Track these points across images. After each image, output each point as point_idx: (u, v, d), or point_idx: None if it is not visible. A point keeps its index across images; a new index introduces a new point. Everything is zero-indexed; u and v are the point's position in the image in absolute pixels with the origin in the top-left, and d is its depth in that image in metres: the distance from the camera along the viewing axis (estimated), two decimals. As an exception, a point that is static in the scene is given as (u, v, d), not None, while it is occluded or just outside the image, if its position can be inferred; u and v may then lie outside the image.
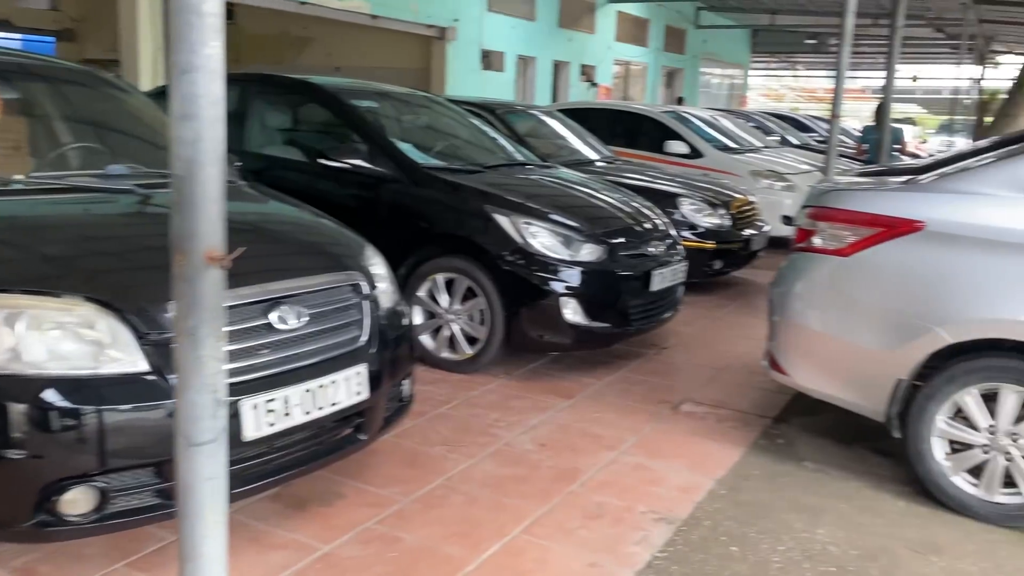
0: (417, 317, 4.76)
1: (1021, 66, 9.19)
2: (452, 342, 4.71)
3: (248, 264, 2.83)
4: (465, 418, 4.06)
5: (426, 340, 4.76)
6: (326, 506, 3.14)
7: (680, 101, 21.55)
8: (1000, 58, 29.09)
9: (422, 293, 4.75)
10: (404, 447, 3.67)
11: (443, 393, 4.35)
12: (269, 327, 2.67)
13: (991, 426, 3.23)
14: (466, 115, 6.29)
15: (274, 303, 2.71)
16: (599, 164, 7.48)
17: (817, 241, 3.63)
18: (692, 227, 6.81)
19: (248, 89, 5.51)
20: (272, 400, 2.61)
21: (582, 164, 7.19)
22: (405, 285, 4.73)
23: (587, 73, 18.92)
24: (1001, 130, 8.87)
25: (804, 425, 4.19)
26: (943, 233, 3.30)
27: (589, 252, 4.63)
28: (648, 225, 5.20)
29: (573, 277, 4.54)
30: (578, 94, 18.23)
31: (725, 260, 7.10)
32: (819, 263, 3.62)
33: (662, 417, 4.23)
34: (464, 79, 14.33)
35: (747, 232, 7.25)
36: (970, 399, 3.27)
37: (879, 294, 3.44)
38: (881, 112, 8.82)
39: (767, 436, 4.06)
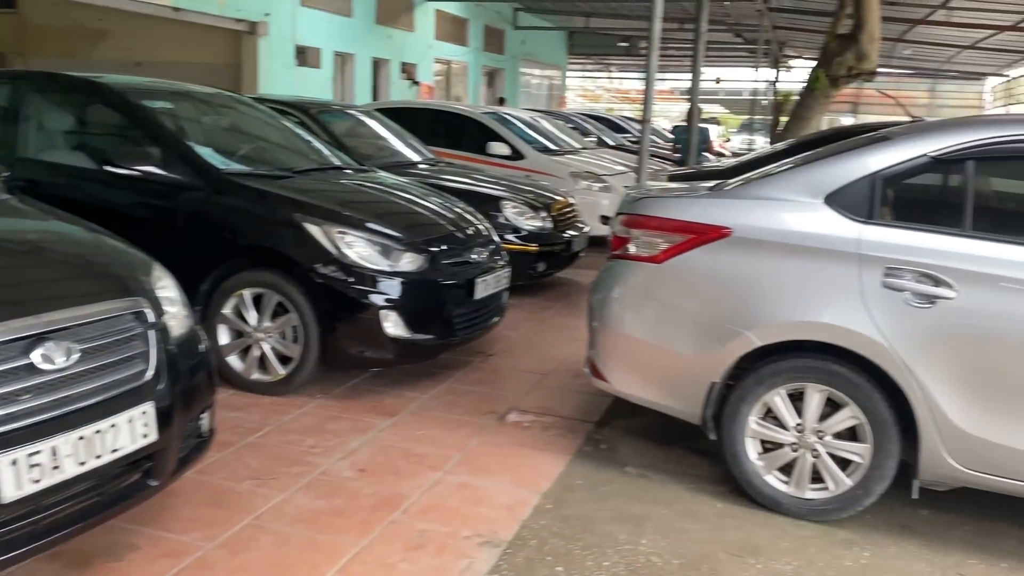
0: (223, 337, 4.41)
1: (811, 71, 9.80)
2: (263, 362, 4.40)
3: (5, 294, 2.50)
4: (278, 446, 3.78)
5: (234, 361, 4.42)
6: (115, 560, 2.80)
7: (502, 102, 21.76)
8: (792, 62, 31.38)
9: (228, 311, 4.40)
10: (208, 485, 3.36)
11: (253, 420, 4.05)
12: (31, 368, 2.31)
13: (798, 425, 3.35)
14: (276, 115, 5.95)
15: (37, 339, 2.35)
16: (421, 166, 7.31)
17: (632, 248, 3.64)
18: (515, 230, 6.79)
19: (20, 88, 4.92)
20: (37, 453, 2.26)
21: (403, 167, 6.99)
22: (208, 303, 4.38)
23: (408, 71, 18.70)
24: (795, 132, 9.47)
25: (626, 428, 4.22)
26: (748, 239, 3.38)
27: (409, 261, 4.45)
28: (470, 231, 5.08)
29: (393, 288, 4.35)
30: (400, 93, 17.98)
31: (548, 262, 7.14)
32: (634, 270, 3.62)
33: (488, 429, 4.13)
34: (278, 76, 13.74)
35: (569, 234, 7.32)
36: (778, 399, 3.36)
37: (692, 300, 3.49)
38: (694, 114, 9.18)
39: (591, 442, 4.05)
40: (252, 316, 4.38)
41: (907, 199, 3.41)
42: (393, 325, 4.32)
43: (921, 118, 3.68)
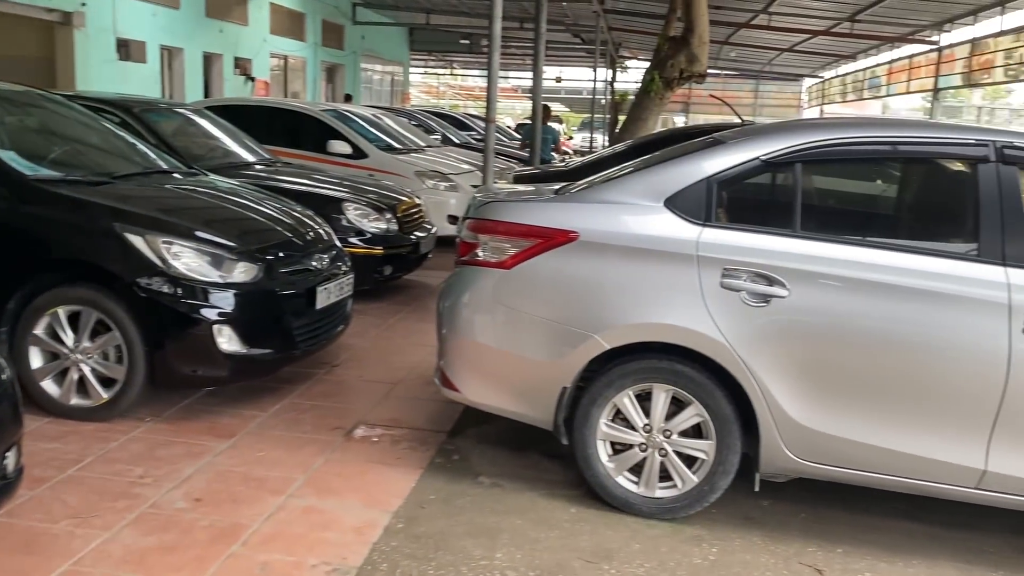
0: (35, 360, 4.01)
1: (645, 73, 10.11)
2: (83, 386, 4.02)
3: None
4: (101, 479, 3.45)
5: (49, 386, 4.02)
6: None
7: (349, 99, 21.29)
8: (629, 63, 32.48)
9: (40, 331, 3.99)
10: (18, 529, 3.02)
11: (73, 450, 3.69)
12: None
13: (646, 425, 3.38)
14: (93, 115, 5.47)
15: None
16: (256, 167, 6.96)
17: (480, 254, 3.57)
18: (359, 233, 6.60)
19: None
20: None
21: (237, 168, 6.64)
22: (16, 323, 3.95)
23: (242, 67, 17.92)
24: (632, 132, 9.75)
25: (479, 436, 4.15)
26: (594, 243, 3.38)
27: (243, 272, 4.18)
28: (310, 236, 4.86)
29: (226, 301, 4.08)
30: (234, 89, 17.19)
31: (395, 265, 6.99)
32: (483, 276, 3.55)
33: (334, 447, 3.95)
34: (99, 71, 12.79)
35: (416, 235, 7.18)
36: (627, 400, 3.39)
37: (541, 305, 3.45)
38: (538, 112, 9.25)
39: (443, 453, 3.95)
40: (68, 336, 3.99)
41: (741, 201, 3.52)
42: (227, 340, 4.05)
43: (750, 120, 3.85)
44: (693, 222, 3.31)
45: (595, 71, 19.88)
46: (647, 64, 10.28)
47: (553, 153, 15.42)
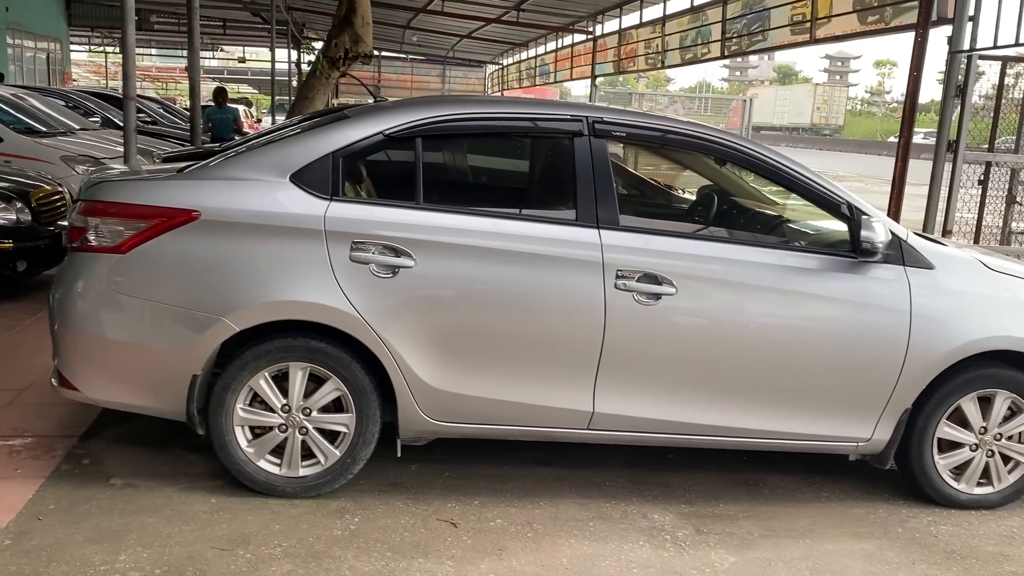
0: None
1: (318, 52, 9.96)
2: None
3: None
4: None
5: None
6: None
7: (0, 78, 18.66)
8: (317, 44, 31.83)
9: None
10: None
11: None
12: None
13: (284, 405, 3.34)
14: None
15: None
16: None
17: (91, 238, 3.29)
18: (-19, 226, 5.83)
19: None
20: None
21: None
22: None
23: None
24: (299, 111, 9.59)
25: (116, 436, 3.86)
26: (218, 221, 3.25)
27: None
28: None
29: None
30: None
31: (31, 260, 6.27)
32: (96, 263, 3.29)
33: (-66, 466, 3.46)
34: None
35: (58, 225, 6.48)
36: (263, 383, 3.32)
37: (163, 290, 3.27)
38: (196, 91, 8.75)
39: (72, 459, 3.62)
40: None
41: (368, 176, 3.58)
42: None
43: (385, 98, 3.94)
44: (320, 197, 3.31)
45: (272, 51, 19.24)
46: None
47: (236, 135, 14.75)
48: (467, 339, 3.37)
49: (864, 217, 3.44)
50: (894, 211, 6.50)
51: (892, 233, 3.52)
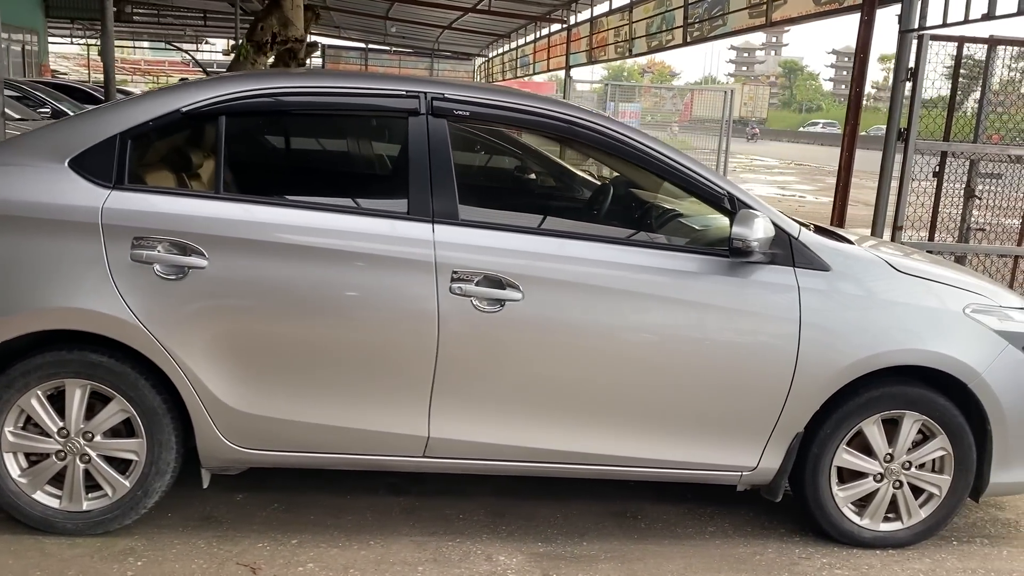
0: None
1: (242, 37, 9.44)
2: None
3: None
4: None
5: None
6: None
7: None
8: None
9: None
10: None
11: None
12: None
13: (62, 428, 2.86)
14: None
15: None
16: None
17: None
18: None
19: None
20: None
21: None
22: None
23: None
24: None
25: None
26: (-25, 213, 2.77)
27: None
28: None
29: None
30: None
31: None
32: None
33: None
34: None
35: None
36: (35, 402, 2.84)
37: (-92, 295, 2.78)
38: (111, 80, 8.29)
39: None
40: None
41: (163, 161, 3.09)
42: None
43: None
44: (100, 185, 2.82)
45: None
46: (320, 38, 9.63)
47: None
48: (274, 353, 2.88)
49: (742, 211, 2.94)
50: (839, 205, 5.99)
51: (782, 230, 3.03)
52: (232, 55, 9.53)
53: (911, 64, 5.69)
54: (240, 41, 9.02)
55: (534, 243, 2.95)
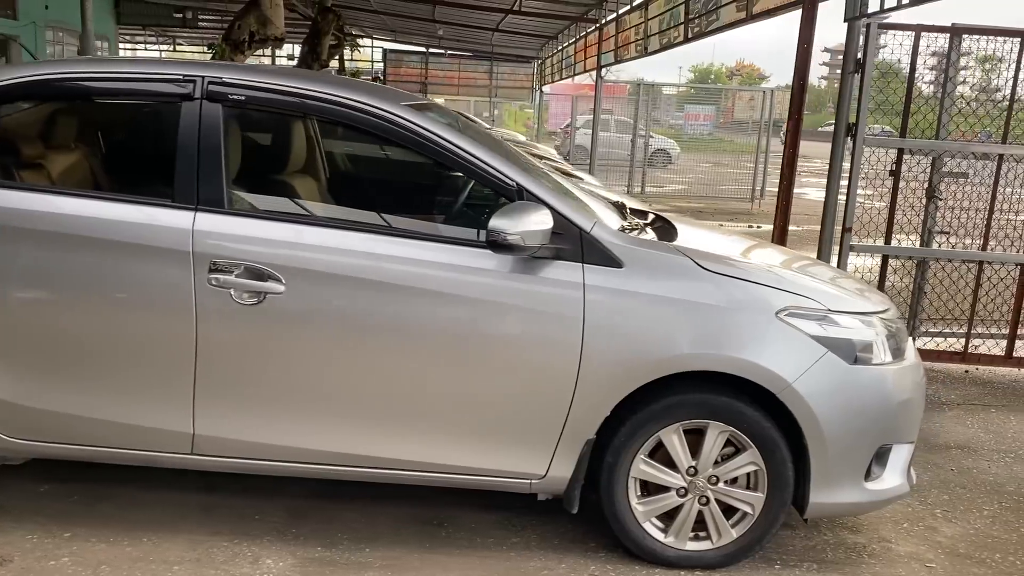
0: None
1: (219, 38, 9.53)
2: None
3: None
4: None
5: None
6: None
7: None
8: (359, 40, 31.75)
9: None
10: None
11: None
12: None
13: None
14: None
15: None
16: None
17: None
18: None
19: None
20: None
21: None
22: None
23: None
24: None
25: None
26: None
27: None
28: None
29: None
30: None
31: None
32: None
33: None
34: None
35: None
36: None
37: None
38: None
39: None
40: None
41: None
42: None
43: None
44: None
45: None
46: (383, 43, 9.69)
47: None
48: (39, 345, 2.84)
49: (509, 203, 2.75)
50: (783, 206, 5.65)
51: (571, 223, 2.82)
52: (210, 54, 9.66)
53: (859, 55, 5.33)
54: (218, 42, 9.13)
55: (300, 233, 2.83)
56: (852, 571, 3.05)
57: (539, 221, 2.71)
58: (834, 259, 5.54)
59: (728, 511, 2.96)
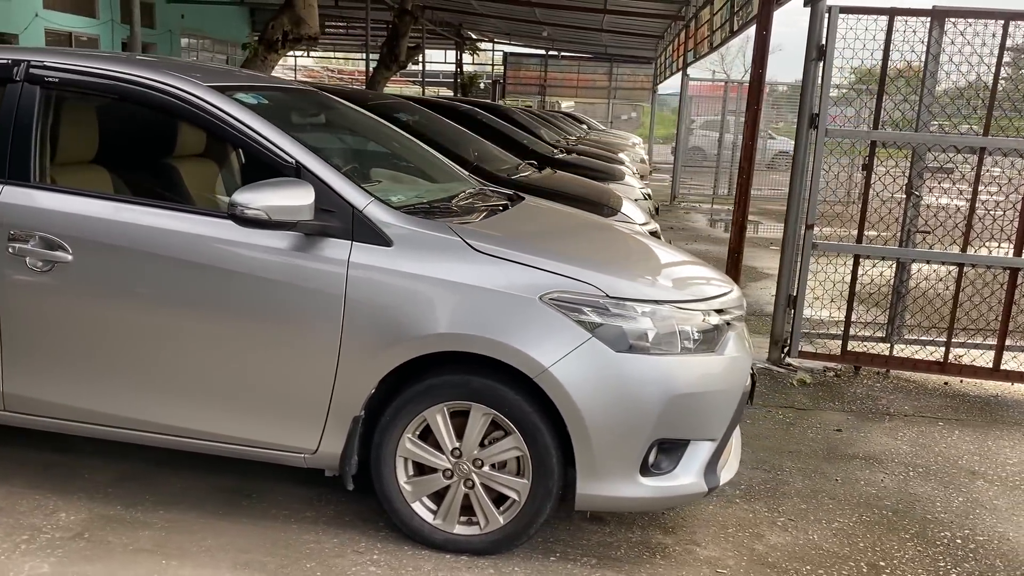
0: None
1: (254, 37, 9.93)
2: None
3: None
4: None
5: None
6: None
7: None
8: (479, 44, 32.36)
9: None
10: None
11: None
12: None
13: None
14: None
15: None
16: None
17: None
18: None
19: None
20: None
21: None
22: None
23: (9, 43, 17.32)
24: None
25: None
26: None
27: None
28: None
29: None
30: None
31: None
32: None
33: None
34: None
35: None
36: None
37: None
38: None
39: None
40: None
41: None
42: None
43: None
44: None
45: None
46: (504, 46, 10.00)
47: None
48: None
49: (264, 180, 2.80)
50: (742, 200, 5.37)
51: (344, 201, 2.85)
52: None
53: (820, 41, 5.03)
54: (252, 41, 9.56)
55: (90, 206, 3.00)
56: (631, 570, 2.90)
57: (290, 197, 2.76)
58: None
59: (501, 499, 2.90)
